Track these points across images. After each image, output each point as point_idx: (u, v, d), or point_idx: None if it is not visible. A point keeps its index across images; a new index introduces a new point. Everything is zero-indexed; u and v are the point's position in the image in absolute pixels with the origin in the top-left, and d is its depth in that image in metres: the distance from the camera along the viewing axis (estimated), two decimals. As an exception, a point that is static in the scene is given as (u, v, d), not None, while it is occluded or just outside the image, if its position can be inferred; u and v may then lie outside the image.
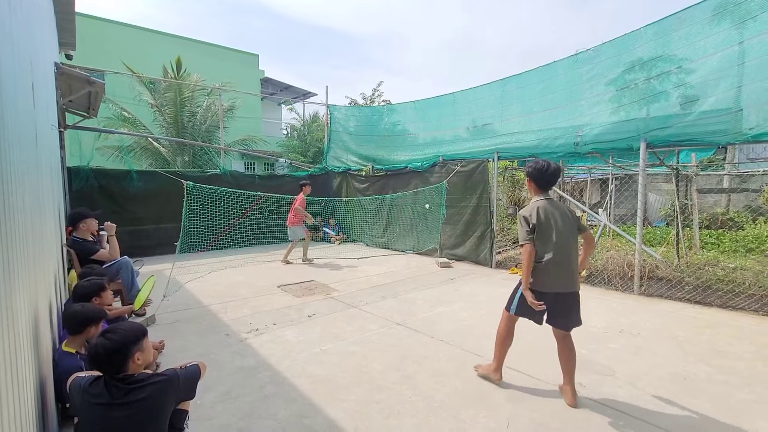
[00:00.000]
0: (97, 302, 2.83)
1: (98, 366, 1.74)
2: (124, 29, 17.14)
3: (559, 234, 2.67)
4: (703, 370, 3.24)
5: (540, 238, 2.69)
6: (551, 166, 2.76)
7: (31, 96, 2.23)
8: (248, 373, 3.17)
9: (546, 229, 2.68)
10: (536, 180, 2.79)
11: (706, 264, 5.35)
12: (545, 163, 2.77)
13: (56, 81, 4.86)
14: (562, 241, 2.67)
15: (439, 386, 2.97)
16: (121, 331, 1.78)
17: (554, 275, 2.66)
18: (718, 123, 4.84)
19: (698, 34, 4.95)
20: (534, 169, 2.78)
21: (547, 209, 2.71)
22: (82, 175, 7.80)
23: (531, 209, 2.74)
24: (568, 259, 2.69)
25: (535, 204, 2.76)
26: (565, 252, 2.68)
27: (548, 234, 2.67)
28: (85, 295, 2.80)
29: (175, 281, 5.76)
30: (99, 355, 1.71)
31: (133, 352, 1.76)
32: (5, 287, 1.18)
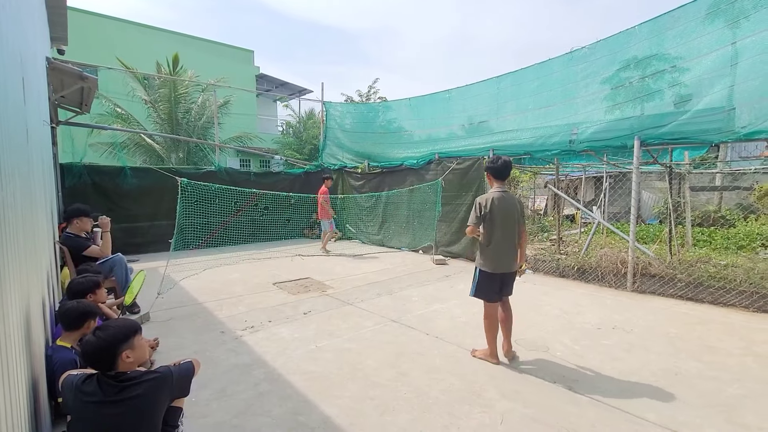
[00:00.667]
0: (91, 299, 2.81)
1: (90, 363, 1.73)
2: (117, 24, 16.95)
3: (508, 222, 3.20)
4: (695, 366, 3.28)
5: (490, 224, 3.18)
6: (501, 160, 3.28)
7: (21, 91, 2.20)
8: (243, 371, 3.17)
9: (496, 217, 3.17)
10: (493, 171, 3.30)
11: (698, 261, 5.41)
12: (496, 158, 3.30)
13: (48, 76, 4.80)
14: (509, 229, 3.21)
15: (433, 383, 2.99)
16: (111, 329, 1.76)
17: (501, 259, 3.21)
18: (712, 122, 4.88)
19: (692, 32, 4.98)
20: (492, 163, 3.31)
21: (500, 199, 3.19)
22: (75, 172, 7.73)
23: (486, 197, 3.23)
24: (511, 245, 3.25)
25: (491, 194, 3.24)
26: (509, 238, 3.23)
27: (497, 222, 3.17)
28: (80, 292, 2.79)
29: (169, 279, 5.73)
30: (89, 352, 1.70)
31: (122, 351, 1.74)
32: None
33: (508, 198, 3.25)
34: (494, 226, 3.17)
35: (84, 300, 2.59)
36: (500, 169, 3.27)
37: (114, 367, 1.73)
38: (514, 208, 3.26)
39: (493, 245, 3.19)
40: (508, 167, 3.30)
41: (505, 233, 3.19)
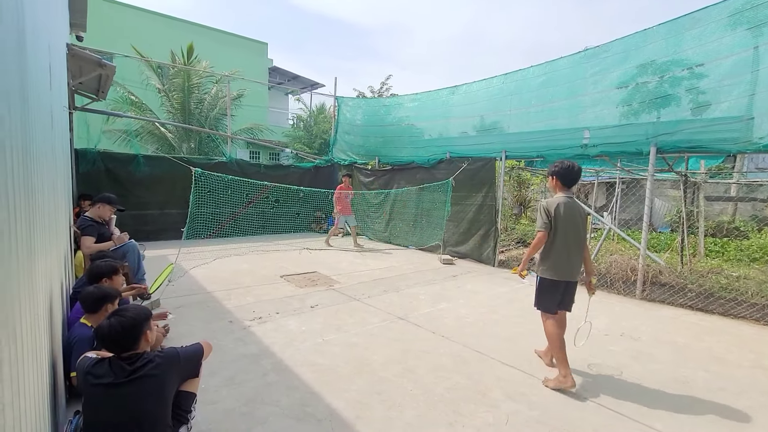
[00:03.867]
0: (107, 284, 2.87)
1: (110, 344, 1.78)
2: (133, 12, 17.06)
3: (574, 230, 3.02)
4: (702, 376, 3.26)
5: (557, 231, 2.99)
6: (576, 166, 3.08)
7: (48, 78, 2.25)
8: (251, 360, 3.21)
9: (563, 224, 2.98)
10: (562, 178, 3.08)
11: (709, 272, 5.35)
12: (571, 163, 3.07)
13: (67, 62, 4.86)
14: (574, 237, 3.03)
15: (439, 380, 3.01)
16: (133, 310, 1.86)
17: (564, 266, 3.01)
18: (730, 130, 4.80)
19: (712, 34, 4.84)
20: (561, 168, 3.08)
21: (568, 206, 3.02)
22: (89, 158, 7.84)
23: (553, 203, 3.03)
24: (577, 254, 3.07)
25: (557, 199, 3.05)
26: (576, 247, 3.04)
27: (565, 229, 2.99)
28: (98, 275, 2.87)
29: (180, 267, 5.80)
30: (113, 333, 1.75)
31: (145, 330, 1.84)
32: (28, 265, 1.21)
33: (575, 205, 3.08)
34: (557, 232, 3.00)
35: (102, 285, 2.65)
36: (569, 175, 3.08)
37: (135, 347, 1.80)
38: (580, 217, 3.09)
39: (555, 251, 3.01)
40: (578, 173, 3.10)
41: (570, 240, 3.01)
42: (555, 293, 3.07)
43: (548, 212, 3.02)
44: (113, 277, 2.93)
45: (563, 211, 2.99)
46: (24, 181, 1.21)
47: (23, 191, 1.16)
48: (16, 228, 1.02)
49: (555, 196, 3.12)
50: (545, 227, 3.00)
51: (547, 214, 3.02)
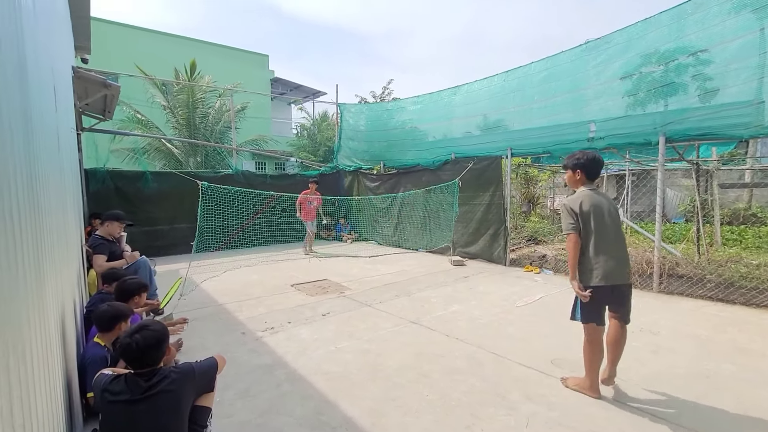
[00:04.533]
0: (136, 300, 2.95)
1: (134, 360, 1.79)
2: (136, 32, 17.40)
3: (608, 224, 2.66)
4: (726, 368, 3.16)
5: (588, 229, 2.65)
6: (599, 156, 2.79)
7: (53, 100, 2.28)
8: (265, 371, 3.20)
9: (595, 219, 2.65)
10: (587, 170, 2.77)
11: (728, 261, 5.21)
12: (593, 154, 2.78)
13: (73, 84, 4.96)
14: (611, 231, 2.66)
15: (455, 384, 2.96)
16: (155, 325, 1.87)
17: (607, 266, 2.61)
18: (740, 115, 4.69)
19: (715, 18, 4.73)
20: (585, 159, 2.77)
21: (594, 199, 2.69)
22: (98, 177, 7.97)
23: (576, 199, 2.71)
24: (619, 250, 2.67)
25: (580, 194, 2.74)
26: (615, 242, 2.67)
27: (596, 224, 2.65)
28: (129, 291, 2.93)
29: (191, 280, 5.84)
30: (140, 348, 1.76)
31: (168, 345, 1.90)
32: (37, 287, 1.21)
33: (602, 196, 2.76)
34: (589, 230, 2.65)
35: (115, 302, 2.67)
36: (591, 166, 2.76)
37: (158, 362, 1.82)
38: (612, 206, 2.74)
39: (593, 252, 2.63)
40: (600, 163, 2.79)
41: (607, 236, 2.65)
42: (601, 300, 2.66)
43: (572, 210, 2.68)
44: (141, 293, 3.00)
45: (590, 206, 2.65)
46: (30, 203, 1.21)
47: (29, 213, 1.17)
48: (23, 250, 1.02)
49: (577, 192, 2.80)
50: (573, 228, 2.67)
51: (571, 213, 2.69)
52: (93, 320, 2.55)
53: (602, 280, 2.60)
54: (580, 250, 2.67)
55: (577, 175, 2.81)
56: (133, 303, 3.01)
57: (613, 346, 2.75)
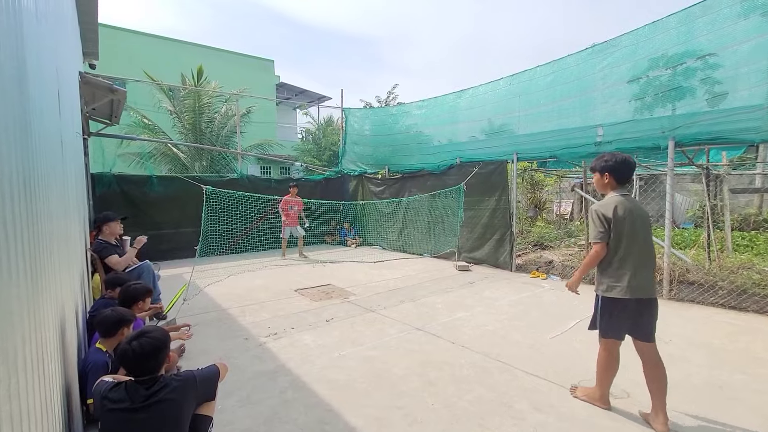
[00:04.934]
0: (140, 306, 2.94)
1: (133, 367, 1.76)
2: (144, 38, 17.62)
3: (640, 234, 2.47)
4: (740, 378, 3.07)
5: (620, 238, 2.46)
6: (632, 159, 2.57)
7: (57, 104, 2.27)
8: (268, 378, 3.15)
9: (628, 227, 2.45)
10: (618, 173, 2.55)
11: (740, 267, 5.10)
12: (625, 156, 2.56)
13: (80, 89, 4.99)
14: (643, 241, 2.48)
15: (462, 393, 2.89)
16: (156, 332, 1.84)
17: (636, 280, 2.42)
18: (751, 120, 4.61)
19: (725, 20, 4.65)
20: (615, 162, 2.54)
21: (626, 205, 2.48)
22: (105, 181, 8.01)
23: (608, 204, 2.49)
24: (649, 262, 2.50)
25: (612, 200, 2.52)
26: (646, 253, 2.49)
27: (629, 233, 2.45)
28: (134, 296, 2.91)
29: (194, 285, 5.82)
30: (139, 355, 1.73)
31: (168, 353, 1.86)
32: (32, 291, 1.18)
33: (635, 203, 2.55)
34: (621, 238, 2.45)
35: (118, 307, 2.65)
36: (622, 169, 2.54)
37: (158, 369, 1.79)
38: (645, 214, 2.54)
39: (619, 262, 2.45)
40: (631, 166, 2.56)
41: (639, 246, 2.47)
42: (624, 314, 2.47)
43: (604, 217, 2.46)
44: (146, 298, 2.99)
45: (623, 213, 2.45)
46: (25, 207, 1.18)
47: (24, 217, 1.14)
48: (16, 254, 1.00)
49: (608, 197, 2.59)
50: (603, 237, 2.46)
51: (603, 220, 2.47)
52: (95, 325, 2.53)
53: (628, 293, 2.42)
54: (606, 258, 2.49)
55: (606, 178, 2.59)
56: (137, 308, 2.99)
57: (653, 381, 2.48)
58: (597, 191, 2.83)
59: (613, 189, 2.59)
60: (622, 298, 2.43)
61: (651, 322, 2.50)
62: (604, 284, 2.51)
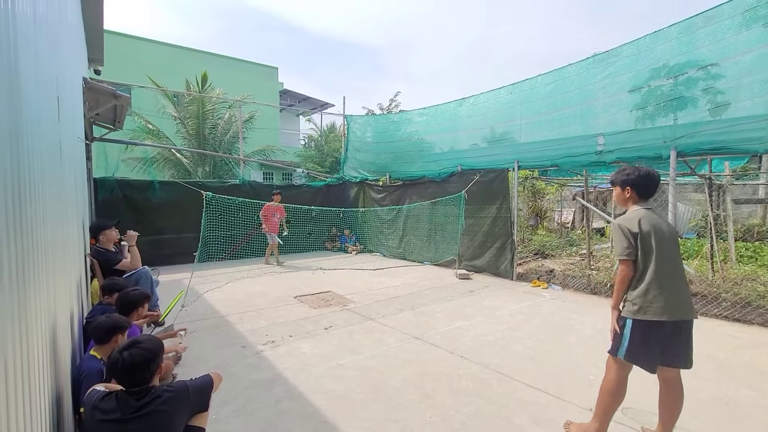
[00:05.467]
0: (138, 311, 2.91)
1: (123, 378, 1.72)
2: (149, 45, 17.82)
3: (669, 248, 2.28)
4: (747, 394, 3.00)
5: (647, 252, 2.26)
6: (656, 172, 2.42)
7: (56, 110, 2.27)
8: (264, 387, 3.11)
9: (654, 241, 2.25)
10: (640, 188, 2.40)
11: (744, 279, 5.04)
12: (648, 170, 2.41)
13: (84, 95, 5.03)
14: (672, 256, 2.29)
15: (460, 406, 2.84)
16: (148, 342, 1.80)
17: (673, 299, 2.19)
18: (754, 129, 4.59)
19: (727, 31, 4.63)
20: (637, 175, 2.39)
21: (652, 219, 2.31)
22: (107, 186, 8.05)
23: (632, 218, 2.32)
24: (682, 279, 2.29)
25: (636, 213, 2.35)
26: (679, 270, 2.29)
27: (658, 247, 2.25)
28: (131, 303, 2.90)
29: (193, 291, 5.80)
30: (128, 366, 1.70)
31: (160, 364, 1.81)
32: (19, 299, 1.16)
33: (661, 217, 2.39)
34: (650, 254, 2.25)
35: (113, 314, 2.62)
36: (646, 183, 2.39)
37: (149, 380, 1.75)
38: (672, 229, 2.39)
39: (651, 281, 2.22)
40: (654, 180, 2.41)
41: (671, 262, 2.26)
42: (655, 339, 2.22)
43: (630, 232, 2.27)
44: (144, 304, 2.97)
45: (650, 226, 2.27)
46: (15, 214, 1.17)
47: (12, 224, 1.13)
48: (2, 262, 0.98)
49: (631, 211, 2.43)
50: (630, 254, 2.26)
51: (628, 235, 2.27)
52: (89, 332, 2.50)
53: (664, 314, 2.16)
54: (636, 276, 2.28)
55: (627, 192, 2.43)
56: (136, 314, 2.97)
57: (667, 406, 2.33)
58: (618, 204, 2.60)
59: (635, 203, 2.43)
60: (658, 320, 2.18)
61: (689, 346, 2.27)
62: (636, 304, 2.23)
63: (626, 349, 2.26)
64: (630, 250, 2.26)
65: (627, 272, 2.28)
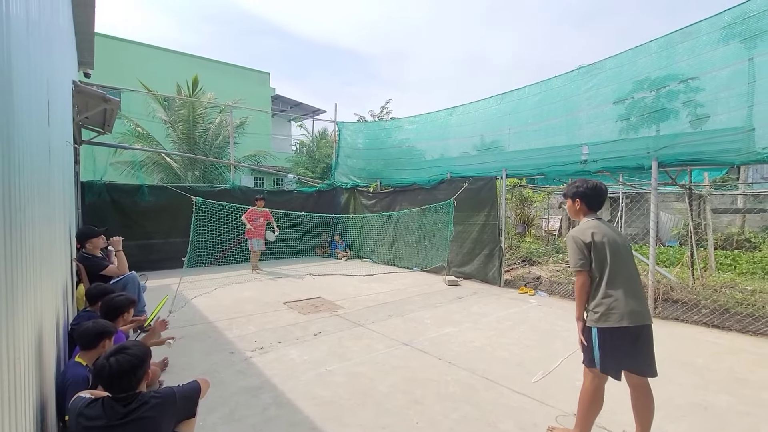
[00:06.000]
0: (124, 316, 2.88)
1: (109, 384, 1.71)
2: (140, 48, 17.71)
3: (623, 256, 2.37)
4: (725, 399, 3.09)
5: (601, 262, 2.34)
6: (603, 186, 2.51)
7: (46, 114, 2.28)
8: (252, 394, 3.10)
9: (608, 250, 2.34)
10: (588, 200, 2.50)
11: (723, 286, 5.19)
12: (596, 183, 2.51)
13: (73, 98, 4.99)
14: (628, 264, 2.38)
15: (447, 411, 2.87)
16: (135, 349, 1.79)
17: (630, 305, 2.27)
18: (731, 142, 4.76)
19: (705, 46, 4.82)
20: (585, 188, 2.49)
21: (603, 229, 2.40)
22: (95, 189, 7.94)
23: (585, 229, 2.40)
24: (637, 284, 2.38)
25: (587, 225, 2.44)
26: (633, 276, 2.38)
27: (612, 256, 2.33)
28: (116, 308, 2.85)
29: (181, 296, 5.74)
30: (114, 373, 1.69)
31: (146, 370, 1.80)
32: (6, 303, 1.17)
33: (611, 227, 2.48)
34: (605, 264, 2.33)
35: (100, 319, 2.59)
36: (591, 195, 2.49)
37: (135, 386, 1.74)
38: (623, 238, 2.46)
39: (610, 288, 2.31)
40: (601, 193, 2.50)
41: (625, 269, 2.36)
42: (623, 344, 2.29)
43: (583, 243, 2.36)
44: (130, 309, 2.93)
45: (601, 237, 2.35)
46: (8, 217, 1.18)
47: (2, 227, 1.14)
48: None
49: (583, 222, 2.51)
50: (584, 265, 2.35)
51: (582, 247, 2.36)
52: (75, 338, 2.47)
53: (624, 320, 2.24)
54: (593, 286, 2.36)
55: (577, 204, 2.54)
56: (121, 320, 2.93)
57: (637, 409, 2.41)
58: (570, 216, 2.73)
59: (585, 215, 2.53)
60: (620, 327, 2.25)
61: (651, 353, 2.35)
62: (597, 312, 2.31)
63: (599, 358, 2.31)
64: (584, 261, 2.35)
65: (584, 282, 2.37)
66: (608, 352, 2.29)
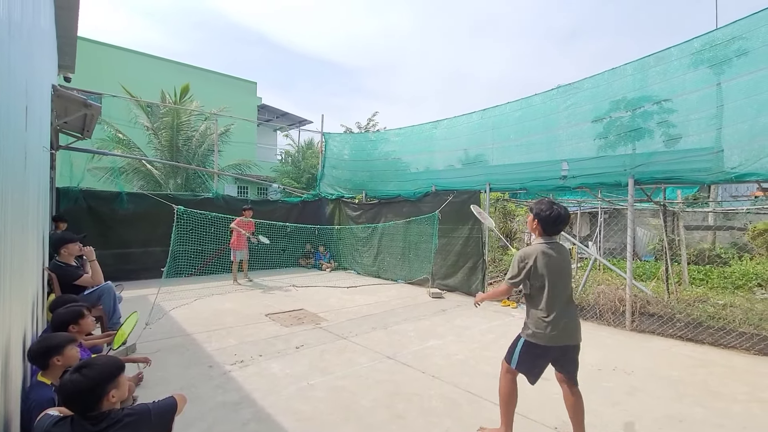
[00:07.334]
0: (75, 330, 2.70)
1: (69, 404, 1.64)
2: (124, 53, 17.47)
3: (561, 280, 2.49)
4: (699, 412, 3.17)
5: (537, 283, 2.48)
6: (563, 214, 2.52)
7: (23, 119, 2.22)
8: (231, 409, 3.02)
9: (547, 277, 2.45)
10: (546, 224, 2.54)
11: (696, 300, 5.37)
12: (558, 212, 2.51)
13: (52, 103, 4.87)
14: (563, 291, 2.51)
15: (430, 426, 2.85)
16: (98, 367, 1.68)
17: (562, 327, 2.44)
18: (702, 161, 4.97)
19: (676, 71, 5.05)
20: (548, 215, 2.51)
21: (549, 254, 2.48)
22: (71, 196, 7.70)
23: (532, 254, 2.49)
24: (570, 309, 2.52)
25: (535, 248, 2.52)
26: (568, 302, 2.52)
27: (550, 283, 2.45)
28: (63, 322, 2.68)
29: (159, 308, 5.57)
30: (70, 392, 1.60)
31: (109, 390, 1.66)
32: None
33: (559, 253, 2.53)
34: (543, 288, 2.46)
35: (54, 333, 2.42)
36: (552, 222, 2.52)
37: (97, 408, 1.64)
38: (566, 262, 2.57)
39: (546, 310, 2.45)
40: (565, 221, 2.54)
41: (560, 295, 2.48)
42: (541, 360, 2.53)
43: (524, 265, 2.48)
44: (80, 321, 2.75)
45: (545, 262, 2.45)
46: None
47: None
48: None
49: (534, 242, 2.61)
50: (515, 283, 2.53)
51: (521, 267, 2.49)
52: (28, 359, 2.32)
53: (552, 341, 2.44)
54: (531, 302, 2.54)
55: (535, 224, 2.59)
56: (78, 333, 2.74)
57: (572, 410, 2.58)
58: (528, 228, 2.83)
59: (540, 236, 2.58)
60: (544, 345, 2.45)
61: (575, 367, 2.57)
62: (529, 329, 2.51)
63: (517, 361, 2.58)
64: (515, 280, 2.53)
65: (504, 292, 2.66)
66: (526, 361, 2.55)
